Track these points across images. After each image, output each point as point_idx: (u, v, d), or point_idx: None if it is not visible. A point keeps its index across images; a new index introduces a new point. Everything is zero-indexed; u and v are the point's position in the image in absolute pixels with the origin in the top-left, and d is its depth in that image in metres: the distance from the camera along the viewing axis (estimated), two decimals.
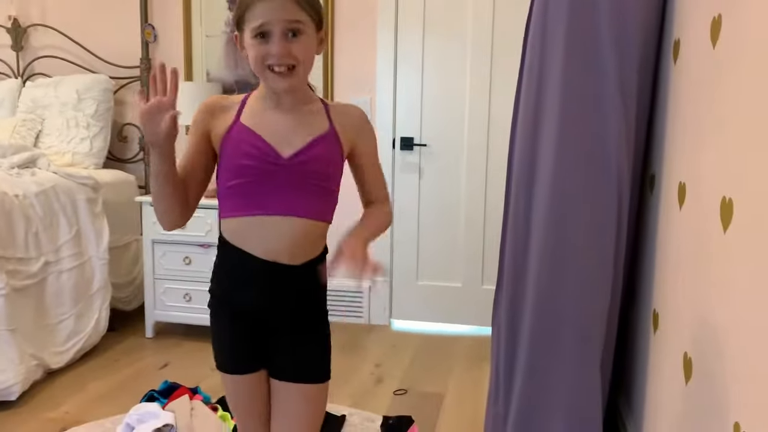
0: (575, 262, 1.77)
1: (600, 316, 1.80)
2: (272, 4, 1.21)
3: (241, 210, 1.30)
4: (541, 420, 1.83)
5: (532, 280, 1.80)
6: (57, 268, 2.88)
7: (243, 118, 1.30)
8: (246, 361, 1.40)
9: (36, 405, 2.56)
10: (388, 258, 3.66)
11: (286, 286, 1.34)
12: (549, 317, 1.79)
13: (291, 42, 1.23)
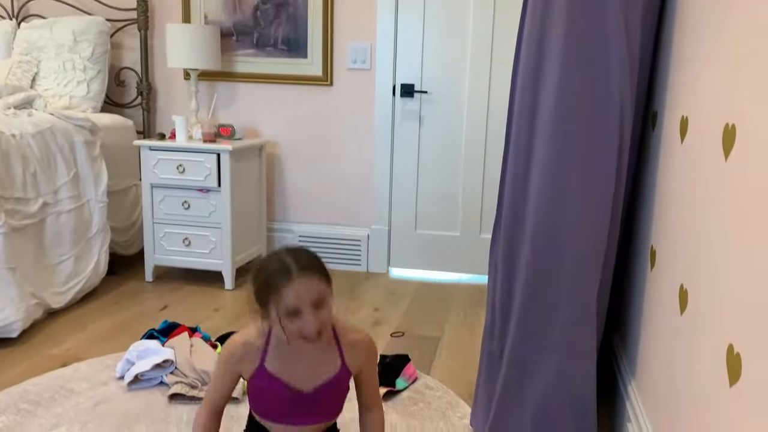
0: (574, 199, 1.76)
1: (597, 254, 1.80)
2: (302, 287, 1.33)
3: (268, 419, 1.53)
4: (536, 356, 1.85)
5: (531, 218, 1.80)
6: (56, 210, 2.89)
7: (267, 363, 1.46)
8: None
9: (37, 342, 2.59)
10: (387, 206, 3.66)
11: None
12: (546, 254, 1.79)
13: (319, 313, 1.35)
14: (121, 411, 2.06)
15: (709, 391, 1.18)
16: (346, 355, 1.49)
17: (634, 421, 1.73)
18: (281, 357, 1.46)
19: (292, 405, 1.49)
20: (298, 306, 1.33)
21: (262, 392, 1.49)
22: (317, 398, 1.48)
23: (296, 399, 1.47)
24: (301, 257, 1.37)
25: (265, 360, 1.46)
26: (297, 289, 1.32)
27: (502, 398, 1.88)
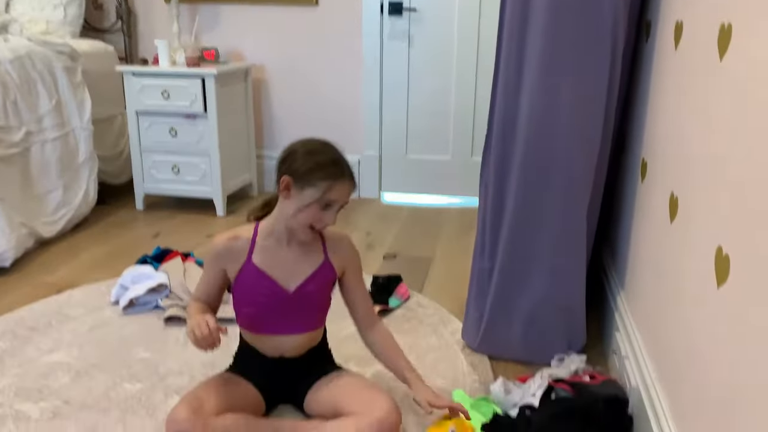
0: (566, 112, 1.74)
1: (588, 169, 1.79)
2: (346, 188, 1.45)
3: (254, 329, 1.59)
4: (526, 271, 1.87)
5: (522, 132, 1.77)
6: (40, 138, 2.84)
7: (254, 257, 1.52)
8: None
9: (30, 271, 2.60)
10: (377, 131, 3.62)
11: (292, 371, 1.60)
12: (537, 170, 1.78)
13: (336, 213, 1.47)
14: (117, 335, 2.09)
15: (697, 294, 1.20)
16: (329, 250, 1.57)
17: (622, 330, 1.77)
18: (267, 253, 1.52)
19: (277, 307, 1.53)
20: (337, 201, 1.44)
21: (248, 292, 1.53)
22: (300, 298, 1.53)
23: (280, 299, 1.53)
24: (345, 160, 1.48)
25: (252, 255, 1.52)
26: (347, 188, 1.45)
27: (493, 312, 1.91)
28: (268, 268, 1.52)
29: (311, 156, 1.43)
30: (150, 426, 1.63)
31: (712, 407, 1.08)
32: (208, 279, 1.57)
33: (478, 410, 1.65)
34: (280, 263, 1.53)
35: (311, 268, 1.54)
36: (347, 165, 1.46)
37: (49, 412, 1.68)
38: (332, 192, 1.42)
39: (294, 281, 1.53)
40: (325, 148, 1.47)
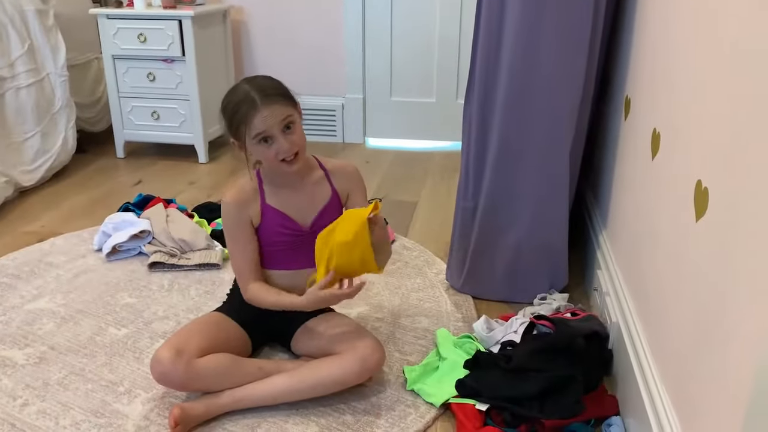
0: (549, 50, 1.71)
1: (572, 106, 1.78)
2: (265, 113, 1.39)
3: (273, 266, 1.58)
4: (509, 209, 1.87)
5: (505, 71, 1.75)
6: (14, 85, 2.77)
7: (268, 200, 1.54)
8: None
9: (11, 221, 2.57)
10: (361, 74, 3.56)
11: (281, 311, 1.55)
12: (520, 108, 1.76)
13: (289, 135, 1.43)
14: (102, 281, 2.08)
15: (676, 228, 1.21)
16: (334, 180, 1.58)
17: (604, 268, 1.79)
18: (277, 194, 1.55)
19: (296, 243, 1.56)
20: (268, 131, 1.41)
21: (270, 233, 1.55)
22: (317, 231, 1.49)
23: (299, 235, 1.55)
24: (264, 84, 1.43)
25: (265, 197, 1.54)
26: (264, 115, 1.39)
27: (476, 251, 1.92)
28: (283, 207, 1.55)
29: (224, 109, 1.45)
30: (137, 369, 1.64)
31: (689, 340, 1.10)
32: (244, 240, 1.54)
33: (461, 348, 1.67)
34: (292, 202, 1.55)
35: (322, 202, 1.57)
36: (260, 91, 1.40)
37: (35, 358, 1.68)
38: (256, 127, 1.40)
39: (309, 217, 1.56)
40: (231, 91, 1.45)
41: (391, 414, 1.48)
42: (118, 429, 1.43)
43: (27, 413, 1.48)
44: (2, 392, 1.55)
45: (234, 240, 1.55)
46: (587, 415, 1.42)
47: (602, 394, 1.50)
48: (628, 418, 1.39)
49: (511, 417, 1.41)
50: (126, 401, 1.52)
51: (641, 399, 1.27)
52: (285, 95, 1.44)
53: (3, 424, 1.44)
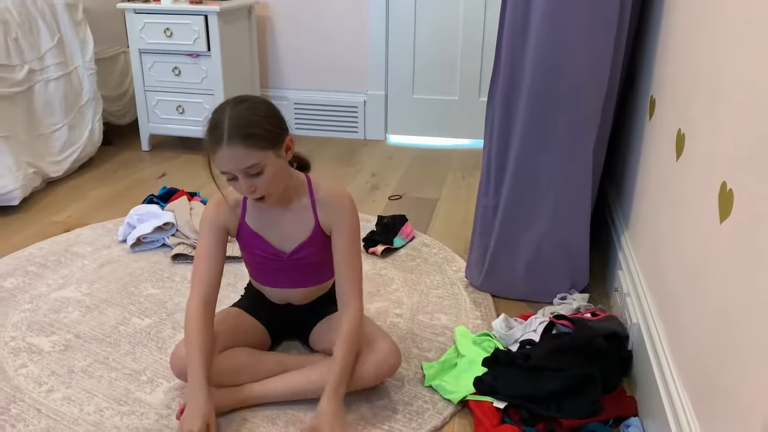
0: (575, 48, 1.70)
1: (596, 105, 1.77)
2: (226, 156, 1.28)
3: (260, 281, 1.61)
4: (531, 208, 1.87)
5: (529, 67, 1.74)
6: (43, 77, 2.81)
7: (247, 219, 1.49)
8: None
9: (38, 211, 2.62)
10: (383, 70, 3.56)
11: (299, 314, 1.60)
12: (544, 106, 1.76)
13: (254, 179, 1.33)
14: (126, 271, 2.12)
15: (699, 229, 1.20)
16: (319, 213, 1.48)
17: (625, 269, 1.78)
18: (258, 215, 1.48)
19: (276, 267, 1.52)
20: (230, 172, 1.31)
21: (248, 251, 1.54)
22: (298, 260, 1.51)
23: (278, 260, 1.51)
24: (242, 119, 1.29)
25: (245, 216, 1.48)
26: (226, 156, 1.28)
27: (497, 250, 1.92)
28: (261, 230, 1.49)
29: (204, 129, 1.33)
30: (159, 359, 1.67)
31: (711, 342, 1.09)
32: (207, 248, 1.46)
33: (479, 346, 1.68)
34: (272, 226, 1.49)
35: (304, 234, 1.48)
36: (232, 127, 1.26)
37: (60, 345, 1.72)
38: (219, 165, 1.30)
39: (289, 244, 1.50)
40: (216, 109, 1.32)
41: (408, 409, 1.49)
42: (141, 417, 1.46)
43: (52, 399, 1.52)
44: (29, 378, 1.59)
45: (200, 243, 1.48)
46: (605, 415, 1.42)
47: (621, 395, 1.50)
48: (646, 420, 1.39)
49: (528, 415, 1.41)
50: (148, 390, 1.55)
51: (661, 400, 1.27)
52: (258, 138, 1.29)
53: (29, 410, 1.48)
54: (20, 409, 1.48)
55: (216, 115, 1.31)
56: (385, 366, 1.47)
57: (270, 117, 1.34)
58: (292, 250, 1.50)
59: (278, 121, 1.36)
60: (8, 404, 1.49)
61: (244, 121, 1.29)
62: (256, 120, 1.31)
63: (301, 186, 1.48)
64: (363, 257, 2.22)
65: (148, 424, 1.44)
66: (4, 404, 1.49)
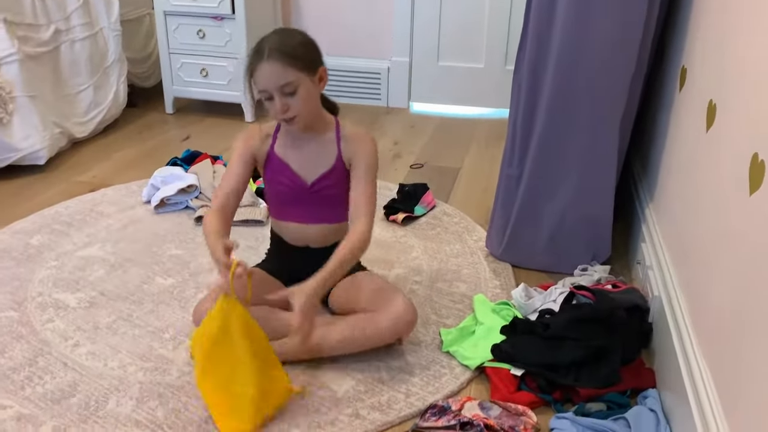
0: (604, 16, 1.66)
1: (625, 74, 1.73)
2: (266, 72, 1.40)
3: (280, 216, 1.65)
4: (555, 178, 1.85)
5: (558, 34, 1.71)
6: (69, 38, 2.82)
7: (276, 148, 1.58)
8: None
9: (64, 170, 2.66)
10: (408, 37, 3.52)
11: (317, 262, 1.50)
12: (572, 73, 1.73)
13: (288, 99, 1.43)
14: (150, 231, 2.14)
15: (727, 202, 1.18)
16: (343, 148, 1.57)
17: (648, 242, 1.76)
18: (287, 144, 1.58)
19: (298, 196, 1.59)
20: (266, 90, 1.43)
21: (273, 180, 1.61)
22: (318, 192, 1.58)
23: (301, 190, 1.58)
24: (283, 40, 1.43)
25: (275, 145, 1.58)
26: (264, 72, 1.41)
27: (519, 220, 1.91)
28: (288, 158, 1.58)
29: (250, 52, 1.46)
30: (182, 318, 1.69)
31: (734, 317, 1.08)
32: (234, 171, 1.57)
33: (498, 314, 1.68)
34: (299, 156, 1.58)
35: (326, 165, 1.57)
36: (274, 47, 1.40)
37: (85, 302, 1.76)
38: (257, 82, 1.43)
39: (311, 175, 1.58)
40: (261, 39, 1.45)
41: (425, 373, 1.51)
42: (163, 373, 1.49)
43: (78, 353, 1.55)
44: (55, 333, 1.63)
45: (231, 165, 1.58)
46: (623, 386, 1.42)
47: (639, 367, 1.50)
48: (664, 391, 1.39)
49: (546, 383, 1.42)
50: (171, 347, 1.58)
51: (680, 372, 1.26)
52: (296, 58, 1.41)
53: (56, 363, 1.52)
54: (47, 362, 1.52)
55: (259, 41, 1.45)
56: (402, 322, 1.49)
57: (308, 45, 1.47)
58: (313, 180, 1.57)
59: (315, 50, 1.49)
60: (35, 357, 1.53)
61: (283, 43, 1.42)
62: (295, 44, 1.44)
63: (329, 123, 1.59)
64: (384, 224, 2.23)
65: (171, 380, 1.47)
66: (32, 357, 1.53)
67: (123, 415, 1.37)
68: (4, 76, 2.47)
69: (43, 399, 1.40)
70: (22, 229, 2.14)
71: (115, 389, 1.44)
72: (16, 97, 2.50)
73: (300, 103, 1.44)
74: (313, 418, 1.37)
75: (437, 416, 1.36)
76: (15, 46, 2.49)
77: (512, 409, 1.35)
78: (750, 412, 0.96)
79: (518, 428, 1.31)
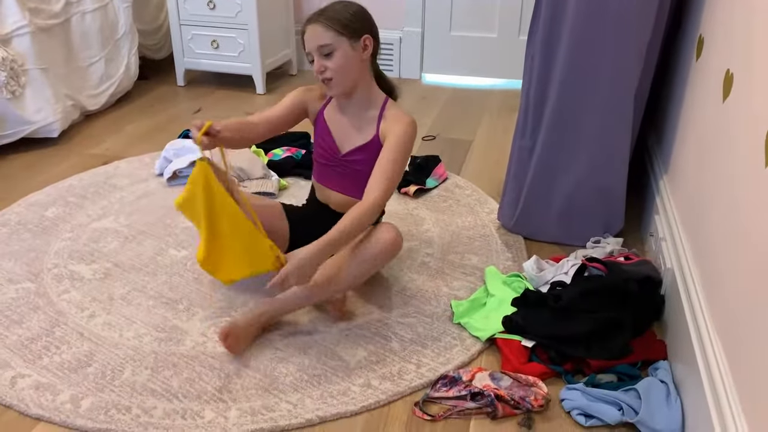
0: None
1: (640, 44, 1.70)
2: (308, 34, 1.51)
3: (315, 176, 1.73)
4: (568, 149, 1.83)
5: (572, 5, 1.68)
6: (80, 9, 2.81)
7: (325, 112, 1.65)
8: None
9: (77, 143, 2.67)
10: (420, 6, 3.47)
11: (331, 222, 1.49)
12: (587, 45, 1.70)
13: (326, 60, 1.50)
14: (162, 204, 2.15)
15: (743, 173, 1.16)
16: (382, 125, 1.59)
17: (662, 213, 1.75)
18: (334, 112, 1.65)
19: (330, 163, 1.65)
20: (308, 50, 1.52)
21: (317, 141, 1.68)
22: (349, 163, 1.62)
23: (333, 157, 1.64)
24: (333, 7, 1.51)
25: (326, 107, 1.66)
26: (308, 34, 1.51)
27: (531, 192, 1.90)
28: (331, 124, 1.65)
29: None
30: (196, 289, 1.71)
31: (747, 289, 1.08)
32: (284, 104, 1.63)
33: (509, 286, 1.68)
34: (341, 125, 1.63)
35: (363, 139, 1.60)
36: (324, 11, 1.50)
37: (100, 273, 1.78)
38: (305, 42, 1.52)
39: (347, 145, 1.63)
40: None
41: (437, 344, 1.52)
42: (177, 343, 1.51)
43: (94, 324, 1.58)
44: (71, 303, 1.65)
45: (283, 101, 1.65)
46: (634, 357, 1.42)
47: (651, 339, 1.50)
48: (676, 363, 1.39)
49: (557, 355, 1.42)
50: (185, 318, 1.60)
51: (691, 345, 1.26)
52: (338, 22, 1.48)
53: (72, 333, 1.54)
54: (63, 332, 1.54)
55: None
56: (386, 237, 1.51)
57: (357, 14, 1.52)
58: (347, 151, 1.62)
59: (364, 19, 1.53)
60: (52, 327, 1.56)
61: (334, 9, 1.51)
62: (342, 10, 1.51)
63: (378, 100, 1.61)
64: (395, 197, 2.22)
65: (185, 350, 1.49)
66: (49, 327, 1.56)
67: (138, 384, 1.39)
68: (16, 49, 2.47)
69: (60, 368, 1.43)
70: (37, 202, 2.16)
71: (130, 359, 1.46)
72: (28, 70, 2.51)
73: (335, 66, 1.50)
74: (326, 387, 1.38)
75: (448, 387, 1.37)
76: (26, 18, 2.49)
77: (523, 380, 1.36)
78: (762, 384, 0.96)
79: (529, 399, 1.32)
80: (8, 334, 1.53)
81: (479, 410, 1.33)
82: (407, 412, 1.34)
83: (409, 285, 1.75)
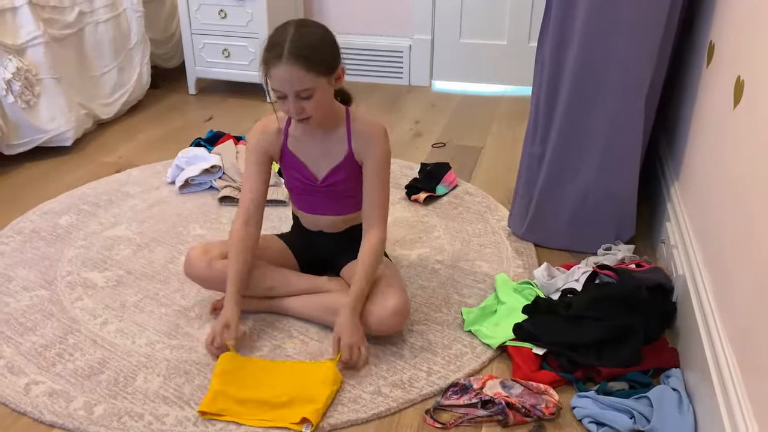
0: None
1: (650, 50, 1.70)
2: (284, 75, 1.34)
3: (296, 204, 1.68)
4: (579, 156, 1.83)
5: (583, 8, 1.68)
6: (93, 19, 2.84)
7: (289, 144, 1.56)
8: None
9: (90, 151, 2.69)
10: (430, 14, 3.49)
11: (330, 244, 1.66)
12: (597, 53, 1.70)
13: (303, 102, 1.39)
14: (174, 212, 2.17)
15: (755, 180, 1.16)
16: (353, 142, 1.53)
17: (673, 220, 1.74)
18: (298, 140, 1.56)
19: (309, 191, 1.60)
20: (282, 91, 1.38)
21: (287, 175, 1.62)
22: (329, 187, 1.58)
23: (312, 185, 1.58)
24: (303, 40, 1.34)
25: (287, 141, 1.56)
26: (282, 75, 1.35)
27: (542, 198, 1.90)
28: (299, 154, 1.57)
29: (265, 44, 1.39)
30: (207, 296, 1.72)
31: (760, 296, 1.07)
32: (252, 172, 1.56)
33: (520, 293, 1.68)
34: (309, 151, 1.56)
35: (336, 160, 1.55)
36: (292, 46, 1.32)
37: (113, 281, 1.79)
38: (273, 82, 1.36)
39: (322, 170, 1.57)
40: (278, 28, 1.38)
41: (447, 352, 1.52)
42: (189, 351, 1.52)
43: (106, 331, 1.59)
44: (84, 311, 1.66)
45: (246, 168, 1.57)
46: (646, 365, 1.41)
47: (663, 346, 1.49)
48: (688, 371, 1.38)
49: (568, 362, 1.42)
50: (197, 326, 1.61)
51: (703, 353, 1.26)
52: (314, 62, 1.35)
53: (85, 340, 1.55)
54: (77, 339, 1.56)
55: (278, 32, 1.37)
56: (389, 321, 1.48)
57: (329, 45, 1.40)
58: (324, 176, 1.57)
59: (336, 50, 1.42)
60: (66, 334, 1.57)
61: (305, 45, 1.35)
62: (318, 45, 1.37)
63: (340, 116, 1.54)
64: (406, 204, 2.23)
65: (197, 358, 1.50)
66: (62, 334, 1.57)
67: (151, 391, 1.40)
68: (30, 59, 2.50)
69: (73, 375, 1.44)
70: (51, 210, 2.18)
71: (143, 366, 1.47)
72: (42, 80, 2.54)
73: (315, 106, 1.40)
74: (336, 395, 1.39)
75: (459, 394, 1.37)
76: (41, 28, 2.52)
77: (534, 388, 1.36)
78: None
79: (540, 406, 1.32)
80: (22, 341, 1.55)
81: (490, 418, 1.33)
82: (418, 420, 1.34)
83: (419, 292, 1.75)
